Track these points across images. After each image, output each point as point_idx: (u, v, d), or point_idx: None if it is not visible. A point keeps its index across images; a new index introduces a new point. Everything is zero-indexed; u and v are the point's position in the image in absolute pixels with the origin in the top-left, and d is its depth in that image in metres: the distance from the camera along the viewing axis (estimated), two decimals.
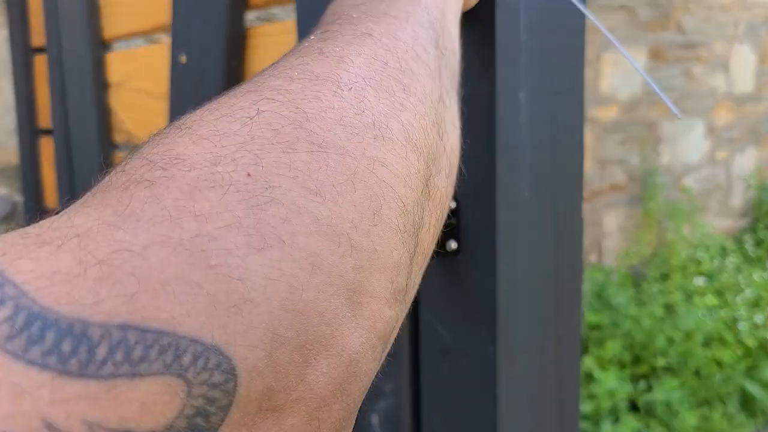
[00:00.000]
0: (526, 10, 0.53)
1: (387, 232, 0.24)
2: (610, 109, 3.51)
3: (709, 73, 3.82)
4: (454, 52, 0.37)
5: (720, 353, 2.81)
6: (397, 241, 0.25)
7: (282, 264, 0.20)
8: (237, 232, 0.20)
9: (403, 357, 0.62)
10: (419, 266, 0.29)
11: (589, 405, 2.50)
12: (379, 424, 0.65)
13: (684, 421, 2.45)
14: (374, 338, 0.23)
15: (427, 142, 0.29)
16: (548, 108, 0.56)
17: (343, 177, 0.23)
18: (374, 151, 0.25)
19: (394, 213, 0.25)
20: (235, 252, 0.19)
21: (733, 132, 4.03)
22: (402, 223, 0.25)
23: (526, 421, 0.58)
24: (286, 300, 0.20)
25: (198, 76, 0.90)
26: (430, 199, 0.29)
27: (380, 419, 0.65)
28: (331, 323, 0.21)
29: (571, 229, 0.59)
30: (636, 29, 3.50)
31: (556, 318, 0.59)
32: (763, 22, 3.98)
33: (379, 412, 0.65)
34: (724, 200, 4.10)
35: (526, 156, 0.54)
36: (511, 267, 0.55)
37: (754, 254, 3.89)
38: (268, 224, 0.20)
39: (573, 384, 0.62)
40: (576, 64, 0.57)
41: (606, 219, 3.60)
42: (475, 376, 0.57)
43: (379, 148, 0.25)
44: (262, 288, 0.19)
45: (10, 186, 1.53)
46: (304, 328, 0.20)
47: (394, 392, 0.63)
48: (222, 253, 0.19)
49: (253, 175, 0.21)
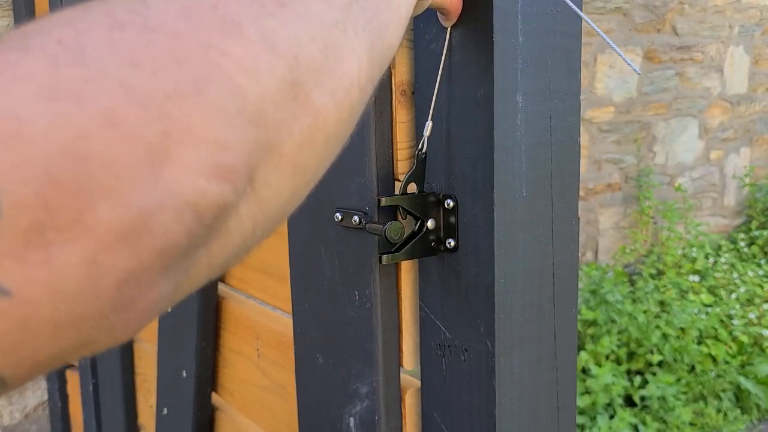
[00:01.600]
0: (523, 13, 0.54)
1: (210, 111, 0.26)
2: (606, 110, 3.53)
3: (703, 75, 3.84)
4: (388, 4, 0.39)
5: (714, 349, 2.83)
6: (224, 122, 0.26)
7: (72, 115, 0.22)
8: (27, 83, 0.22)
9: (378, 359, 0.63)
10: (278, 165, 0.30)
11: (585, 400, 2.52)
12: (355, 426, 0.66)
13: (679, 416, 2.47)
14: (181, 204, 0.25)
15: (300, 53, 0.30)
16: (545, 109, 0.57)
17: (168, 55, 0.25)
18: (214, 40, 0.27)
19: (224, 96, 0.26)
20: (20, 98, 0.22)
21: (727, 132, 4.05)
22: (235, 107, 0.27)
23: (523, 414, 0.58)
24: (68, 146, 0.22)
25: None
26: (301, 107, 0.31)
27: (356, 422, 0.66)
28: (120, 176, 0.23)
29: (566, 227, 0.60)
30: (631, 31, 3.52)
31: (553, 314, 0.60)
32: (756, 23, 4.00)
33: (355, 416, 0.66)
34: (718, 199, 4.12)
35: (523, 156, 0.56)
36: (508, 264, 0.56)
37: (747, 252, 3.91)
38: (66, 80, 0.23)
39: (569, 379, 0.62)
40: (572, 67, 0.58)
41: (601, 217, 3.62)
42: (473, 371, 0.58)
43: (223, 39, 0.27)
44: (42, 131, 0.22)
45: None
46: (86, 175, 0.22)
47: (369, 395, 0.64)
48: (6, 98, 0.22)
49: (65, 43, 0.24)
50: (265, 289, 0.87)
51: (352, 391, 0.66)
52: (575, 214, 0.61)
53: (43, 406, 1.62)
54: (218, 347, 1.00)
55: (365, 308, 0.63)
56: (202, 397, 1.00)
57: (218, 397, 1.03)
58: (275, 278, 0.85)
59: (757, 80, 4.11)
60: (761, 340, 2.96)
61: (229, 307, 0.97)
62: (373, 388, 0.64)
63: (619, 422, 2.41)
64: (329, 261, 0.66)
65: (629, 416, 2.44)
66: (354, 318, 0.65)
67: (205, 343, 0.98)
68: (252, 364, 0.92)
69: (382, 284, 0.62)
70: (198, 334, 0.97)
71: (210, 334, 0.98)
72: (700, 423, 2.53)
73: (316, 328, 0.70)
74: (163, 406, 1.08)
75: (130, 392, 1.29)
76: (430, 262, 0.61)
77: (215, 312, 0.99)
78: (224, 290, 1.00)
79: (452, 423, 0.61)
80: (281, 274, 0.83)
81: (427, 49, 0.58)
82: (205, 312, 0.97)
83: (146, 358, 1.24)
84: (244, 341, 0.94)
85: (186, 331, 0.99)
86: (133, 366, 1.29)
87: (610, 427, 2.41)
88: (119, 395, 1.29)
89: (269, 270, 0.86)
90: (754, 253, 3.90)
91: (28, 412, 1.59)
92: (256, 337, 0.91)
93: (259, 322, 0.90)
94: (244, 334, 0.94)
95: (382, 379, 0.64)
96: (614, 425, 2.41)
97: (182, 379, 1.01)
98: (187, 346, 0.99)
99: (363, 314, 0.64)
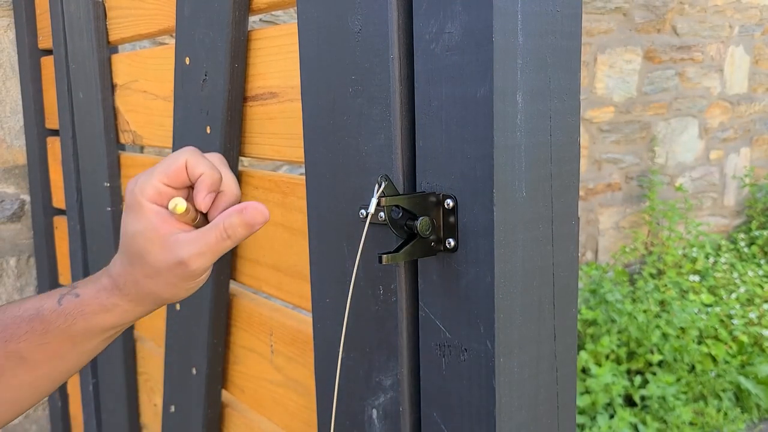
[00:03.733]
0: (523, 13, 0.54)
1: None
2: (606, 110, 3.53)
3: (703, 75, 3.84)
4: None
5: (714, 349, 2.83)
6: None
7: None
8: None
9: (403, 351, 0.64)
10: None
11: (585, 399, 2.52)
12: (378, 418, 0.67)
13: (679, 416, 2.47)
14: None
15: None
16: (545, 109, 0.57)
17: None
18: None
19: None
20: None
21: (727, 132, 4.05)
22: None
23: (523, 415, 0.59)
24: None
25: (202, 77, 0.91)
26: None
27: (378, 414, 0.67)
28: None
29: (566, 227, 0.60)
30: (631, 31, 3.52)
31: (553, 314, 0.60)
32: (756, 24, 4.00)
33: (378, 407, 0.67)
34: (718, 199, 4.12)
35: (523, 156, 0.56)
36: (508, 264, 0.56)
37: (747, 252, 3.91)
38: None
39: (569, 379, 0.62)
40: (572, 67, 0.58)
41: (601, 217, 3.62)
42: (473, 371, 0.58)
43: None
44: None
45: (17, 185, 1.55)
46: None
47: (393, 387, 0.65)
48: None
49: None
50: (278, 286, 0.88)
51: (375, 383, 0.67)
52: (575, 214, 0.61)
53: (43, 406, 1.63)
54: (228, 344, 1.01)
55: (390, 302, 0.64)
56: (213, 394, 1.01)
57: (228, 394, 1.03)
58: (290, 275, 0.85)
59: (757, 80, 4.11)
60: (761, 340, 2.96)
61: (241, 304, 0.98)
62: (398, 380, 0.64)
63: (619, 422, 2.41)
64: (351, 257, 0.67)
65: (629, 416, 2.44)
66: (378, 312, 0.65)
67: (216, 340, 0.98)
68: (265, 361, 0.93)
69: (406, 278, 0.63)
70: (209, 331, 0.97)
71: (221, 331, 0.99)
72: (700, 423, 2.53)
73: (337, 323, 0.70)
74: (171, 404, 1.08)
75: (133, 391, 1.29)
76: (430, 262, 0.61)
77: (226, 309, 0.99)
78: (235, 288, 1.00)
79: (452, 423, 0.61)
80: (296, 270, 0.84)
81: (427, 49, 0.58)
82: (217, 309, 0.97)
83: (150, 357, 1.25)
84: (256, 338, 0.94)
85: (197, 328, 0.99)
86: (136, 365, 1.29)
87: (610, 427, 2.41)
88: (121, 395, 1.29)
89: (283, 267, 0.86)
90: (754, 253, 3.91)
91: (28, 411, 1.60)
92: (269, 333, 0.91)
93: (272, 318, 0.91)
94: (256, 331, 0.94)
95: (407, 371, 0.64)
96: (614, 425, 2.41)
97: (192, 376, 1.01)
98: (197, 343, 1.00)
99: (388, 308, 0.64)
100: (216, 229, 0.55)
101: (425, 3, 0.57)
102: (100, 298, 0.57)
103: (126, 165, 1.22)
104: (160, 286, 0.55)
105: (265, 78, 0.86)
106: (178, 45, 0.96)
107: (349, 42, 0.63)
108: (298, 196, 0.82)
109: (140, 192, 0.54)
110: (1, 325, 0.56)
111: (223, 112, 0.88)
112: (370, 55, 0.61)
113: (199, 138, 0.92)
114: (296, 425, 0.87)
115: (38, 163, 1.49)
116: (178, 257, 0.54)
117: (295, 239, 0.83)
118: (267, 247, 0.89)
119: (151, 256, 0.54)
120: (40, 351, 0.56)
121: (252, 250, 0.93)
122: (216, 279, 0.96)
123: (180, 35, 0.95)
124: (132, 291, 0.56)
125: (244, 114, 0.89)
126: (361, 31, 0.62)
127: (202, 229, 0.56)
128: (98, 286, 0.58)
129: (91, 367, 1.37)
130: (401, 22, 0.60)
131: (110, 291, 0.57)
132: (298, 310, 0.89)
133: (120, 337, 1.26)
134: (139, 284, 0.56)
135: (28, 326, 0.56)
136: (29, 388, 0.58)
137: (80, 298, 0.57)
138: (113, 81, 1.22)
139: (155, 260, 0.54)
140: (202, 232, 0.55)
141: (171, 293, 0.57)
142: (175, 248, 0.54)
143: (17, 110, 1.52)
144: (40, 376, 0.57)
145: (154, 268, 0.54)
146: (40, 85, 1.48)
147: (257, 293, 0.98)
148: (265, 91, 0.86)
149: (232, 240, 0.55)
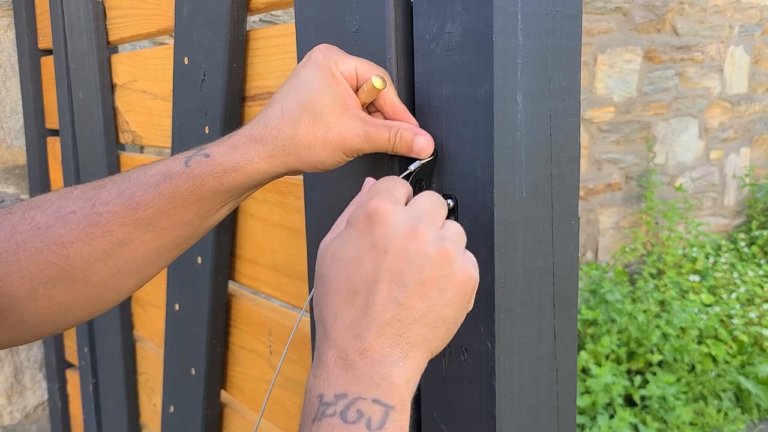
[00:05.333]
0: (523, 13, 0.54)
1: None
2: (606, 110, 3.53)
3: (703, 75, 3.84)
4: None
5: (714, 349, 2.83)
6: None
7: None
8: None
9: None
10: None
11: (585, 399, 2.52)
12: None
13: (679, 416, 2.47)
14: None
15: None
16: (545, 109, 0.57)
17: None
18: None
19: None
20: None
21: (727, 132, 4.05)
22: None
23: (523, 415, 0.59)
24: None
25: (200, 77, 0.91)
26: None
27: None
28: None
29: (566, 227, 0.60)
30: (631, 31, 3.52)
31: (553, 314, 0.60)
32: (756, 24, 4.00)
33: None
34: (718, 199, 4.12)
35: (523, 156, 0.56)
36: (508, 264, 0.56)
37: (747, 252, 3.91)
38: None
39: (569, 379, 0.62)
40: (572, 67, 0.58)
41: (601, 217, 3.62)
42: (473, 371, 0.58)
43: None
44: None
45: (17, 185, 1.55)
46: None
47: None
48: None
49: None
50: (277, 286, 0.88)
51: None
52: (575, 214, 0.61)
53: (43, 406, 1.63)
54: (227, 345, 1.01)
55: None
56: (212, 394, 1.01)
57: (227, 394, 1.03)
58: (288, 275, 0.85)
59: (757, 80, 4.12)
60: (761, 340, 2.96)
61: (240, 304, 0.98)
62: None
63: (619, 422, 2.41)
64: None
65: (629, 416, 2.44)
66: None
67: (215, 341, 0.98)
68: (263, 361, 0.93)
69: None
70: (208, 331, 0.97)
71: (220, 332, 0.99)
72: (700, 423, 2.53)
73: None
74: (170, 405, 1.08)
75: (133, 391, 1.29)
76: None
77: (225, 309, 0.99)
78: (234, 288, 1.00)
79: (452, 423, 0.61)
80: (295, 270, 0.84)
81: (427, 49, 0.58)
82: (216, 310, 0.97)
83: (150, 357, 1.25)
84: (255, 338, 0.94)
85: (196, 329, 0.99)
86: (136, 365, 1.29)
87: (610, 427, 2.41)
88: (121, 395, 1.29)
89: (282, 267, 0.86)
90: (754, 253, 3.91)
91: (28, 412, 1.60)
92: (268, 333, 0.91)
93: (271, 318, 0.91)
94: (255, 331, 0.94)
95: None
96: (614, 425, 2.41)
97: (191, 377, 1.01)
98: (196, 344, 1.00)
99: None
100: (388, 130, 0.57)
101: (425, 3, 0.57)
102: (234, 156, 0.56)
103: (126, 165, 1.22)
104: (315, 145, 0.56)
105: (264, 78, 0.86)
106: (176, 45, 0.96)
107: (346, 42, 0.63)
108: (296, 196, 0.82)
109: (335, 64, 0.56)
110: (128, 193, 0.55)
111: (221, 112, 0.88)
112: (367, 55, 0.61)
113: (198, 138, 0.92)
114: (295, 425, 0.87)
115: (38, 163, 1.49)
116: (353, 126, 0.56)
117: (294, 239, 0.83)
118: (266, 248, 0.89)
119: (328, 112, 0.55)
120: (167, 217, 0.56)
121: (251, 250, 0.93)
122: (215, 279, 0.96)
123: (179, 35, 0.95)
124: (279, 145, 0.56)
125: (243, 114, 0.89)
126: (359, 31, 0.62)
127: (378, 119, 0.58)
128: (228, 144, 0.57)
129: (91, 367, 1.37)
130: (399, 22, 0.59)
131: (246, 146, 0.56)
132: (297, 311, 0.89)
133: (120, 337, 1.26)
134: (295, 139, 0.55)
135: (155, 191, 0.55)
136: (154, 255, 0.57)
137: (210, 158, 0.56)
138: (113, 81, 1.22)
139: (331, 118, 0.55)
140: (377, 121, 0.57)
141: (315, 156, 0.56)
142: (354, 117, 0.56)
143: (17, 110, 1.52)
144: (165, 242, 0.57)
145: (326, 125, 0.55)
146: (40, 85, 1.48)
147: (256, 293, 0.98)
148: (263, 91, 0.86)
149: (391, 146, 0.57)
